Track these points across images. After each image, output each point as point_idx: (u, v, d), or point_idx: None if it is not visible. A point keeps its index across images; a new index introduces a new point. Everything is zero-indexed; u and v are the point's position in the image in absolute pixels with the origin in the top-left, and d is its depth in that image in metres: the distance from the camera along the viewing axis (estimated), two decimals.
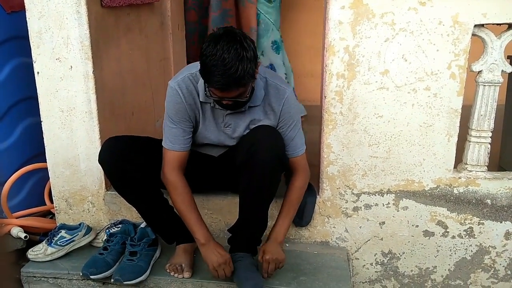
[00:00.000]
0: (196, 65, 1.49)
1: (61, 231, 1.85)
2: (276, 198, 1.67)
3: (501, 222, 1.81)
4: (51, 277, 1.75)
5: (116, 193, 1.96)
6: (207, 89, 1.45)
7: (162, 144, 1.63)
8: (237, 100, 1.45)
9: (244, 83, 1.38)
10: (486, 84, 1.69)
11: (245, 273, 1.58)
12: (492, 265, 1.87)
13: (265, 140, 1.50)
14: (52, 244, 1.82)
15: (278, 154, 1.52)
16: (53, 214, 2.27)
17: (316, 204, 1.87)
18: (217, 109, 1.59)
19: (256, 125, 1.58)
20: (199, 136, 1.66)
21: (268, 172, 1.50)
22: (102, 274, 1.66)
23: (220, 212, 1.92)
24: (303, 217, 1.87)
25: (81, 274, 1.67)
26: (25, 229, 2.01)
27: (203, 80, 1.45)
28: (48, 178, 2.17)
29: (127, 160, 1.58)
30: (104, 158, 1.60)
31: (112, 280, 1.64)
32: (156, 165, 1.64)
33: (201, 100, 1.57)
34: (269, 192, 1.58)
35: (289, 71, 3.24)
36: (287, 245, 1.90)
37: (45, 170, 2.10)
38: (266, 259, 1.60)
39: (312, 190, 1.89)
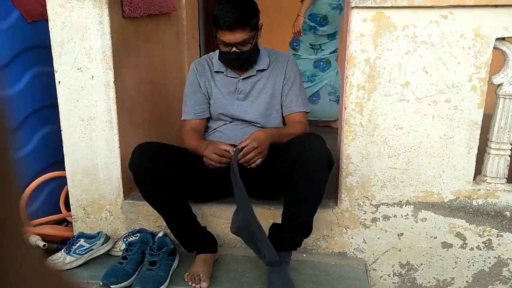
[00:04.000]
0: (215, 52, 1.83)
1: (80, 240, 1.85)
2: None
3: None
4: None
5: (134, 202, 1.99)
6: (218, 41, 1.67)
7: (182, 117, 1.86)
8: (243, 47, 1.65)
9: (249, 21, 1.62)
10: (506, 97, 1.70)
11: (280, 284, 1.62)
12: (510, 277, 1.86)
13: (315, 142, 1.56)
14: (71, 253, 1.82)
15: (329, 155, 1.55)
16: (68, 222, 2.28)
17: (334, 215, 1.88)
18: (229, 77, 1.80)
19: (300, 135, 1.63)
20: (215, 105, 1.81)
21: (321, 169, 1.53)
22: (122, 283, 1.67)
23: None
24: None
25: (101, 283, 1.68)
26: (43, 237, 2.01)
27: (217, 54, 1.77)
28: (63, 186, 2.18)
29: (158, 165, 1.60)
30: (135, 163, 1.61)
31: None
32: (184, 172, 1.68)
33: (215, 70, 1.80)
34: (318, 191, 1.58)
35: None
36: (304, 255, 1.90)
37: (60, 178, 2.12)
38: (253, 147, 1.58)
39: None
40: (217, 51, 1.79)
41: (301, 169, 1.52)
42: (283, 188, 1.64)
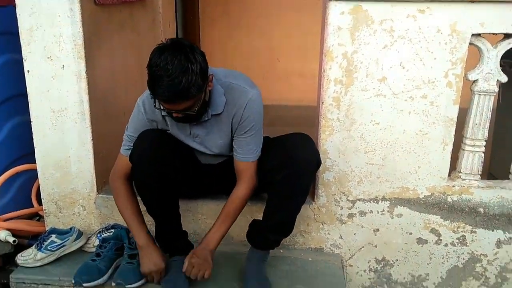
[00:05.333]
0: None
1: (51, 236, 1.80)
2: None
3: (493, 231, 1.82)
4: (41, 284, 1.69)
5: (108, 196, 1.94)
6: (155, 101, 1.43)
7: (120, 150, 1.65)
8: (186, 113, 1.42)
9: (189, 96, 1.36)
10: (481, 94, 1.70)
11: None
12: (483, 273, 1.88)
13: (305, 141, 1.54)
14: (42, 249, 1.76)
15: (317, 155, 1.55)
16: (40, 216, 2.22)
17: (311, 210, 1.86)
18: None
19: (289, 133, 1.59)
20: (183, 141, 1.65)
21: (310, 169, 1.52)
22: (95, 281, 1.62)
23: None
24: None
25: (73, 281, 1.63)
26: (13, 232, 1.95)
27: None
28: (35, 179, 2.12)
29: (167, 164, 1.52)
30: (142, 157, 1.51)
31: (113, 284, 1.61)
32: (182, 162, 1.61)
33: (163, 114, 1.56)
34: (305, 190, 1.56)
35: None
36: (281, 251, 1.89)
37: (32, 170, 2.05)
38: (192, 262, 1.54)
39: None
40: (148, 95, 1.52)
41: (291, 167, 1.48)
42: (267, 185, 1.59)
